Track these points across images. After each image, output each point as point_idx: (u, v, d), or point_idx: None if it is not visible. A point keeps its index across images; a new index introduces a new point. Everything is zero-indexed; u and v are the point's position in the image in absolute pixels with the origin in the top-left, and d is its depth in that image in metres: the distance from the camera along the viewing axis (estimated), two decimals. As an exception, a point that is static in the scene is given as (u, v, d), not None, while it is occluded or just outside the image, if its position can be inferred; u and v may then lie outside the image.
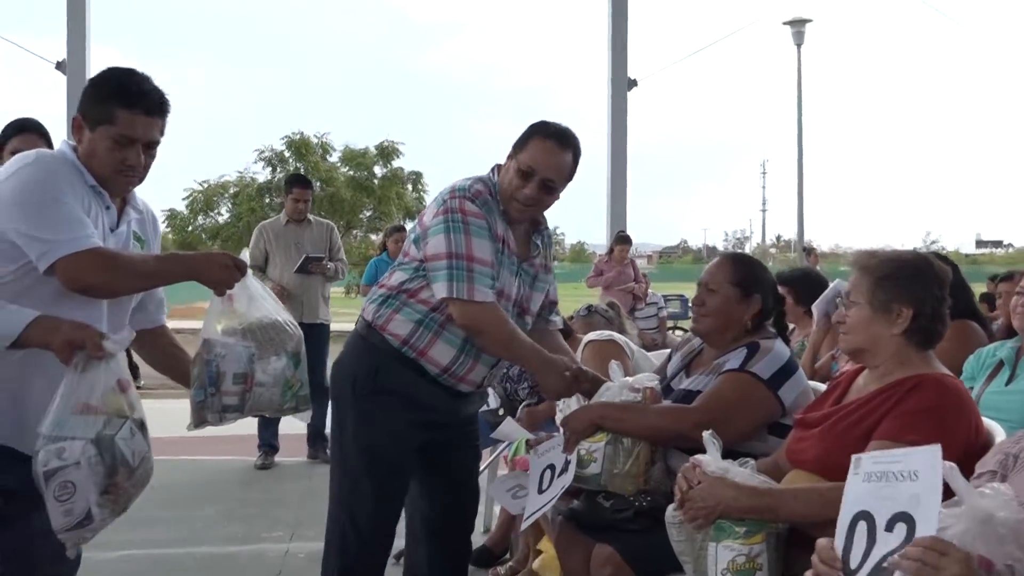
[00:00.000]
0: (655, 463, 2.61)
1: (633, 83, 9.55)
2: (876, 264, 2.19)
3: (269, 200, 22.58)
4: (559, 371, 2.68)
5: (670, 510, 2.16)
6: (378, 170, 24.13)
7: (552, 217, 2.95)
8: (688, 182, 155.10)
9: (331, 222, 6.95)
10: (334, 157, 24.05)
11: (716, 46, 15.18)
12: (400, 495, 2.81)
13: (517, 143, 2.70)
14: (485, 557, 4.11)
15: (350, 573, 2.76)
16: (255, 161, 23.45)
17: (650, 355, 3.96)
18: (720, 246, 79.19)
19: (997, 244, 73.89)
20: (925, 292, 2.16)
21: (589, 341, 3.90)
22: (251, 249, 6.32)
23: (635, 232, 9.74)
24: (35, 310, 2.02)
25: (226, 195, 23.72)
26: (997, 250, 70.37)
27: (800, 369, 2.75)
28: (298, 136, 23.41)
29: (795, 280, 4.95)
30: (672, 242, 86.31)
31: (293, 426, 5.06)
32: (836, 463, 2.07)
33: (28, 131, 3.42)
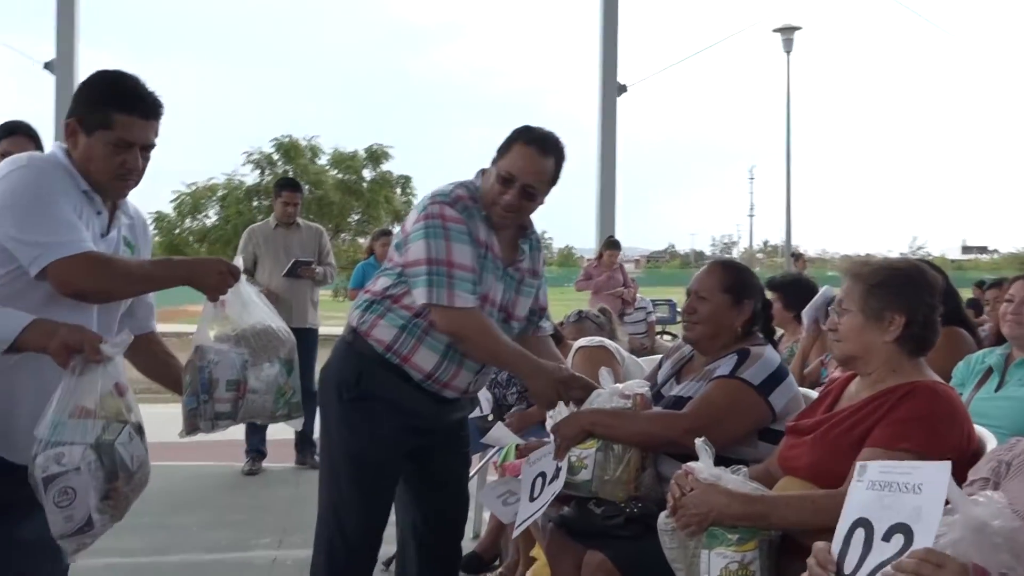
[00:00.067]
0: (646, 469, 2.61)
1: (623, 88, 9.56)
2: (869, 272, 2.20)
3: (257, 203, 22.56)
4: (549, 376, 2.67)
5: (662, 517, 2.15)
6: (367, 173, 24.16)
7: (540, 221, 2.94)
8: (676, 187, 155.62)
9: (320, 226, 6.93)
10: (323, 160, 24.05)
11: (706, 53, 15.29)
12: (387, 501, 2.79)
13: (500, 148, 2.69)
14: (475, 563, 4.09)
15: None
16: (243, 164, 23.44)
17: (640, 361, 3.97)
18: (708, 251, 79.55)
19: (982, 250, 74.42)
20: (917, 300, 2.17)
21: (580, 347, 3.90)
22: (240, 253, 6.29)
23: (623, 236, 9.74)
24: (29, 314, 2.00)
25: (214, 198, 23.65)
26: (982, 256, 70.87)
27: (790, 375, 2.76)
28: (287, 139, 23.39)
29: (784, 286, 4.96)
30: (660, 247, 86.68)
31: (281, 431, 5.04)
32: (828, 470, 2.08)
33: (17, 134, 3.39)
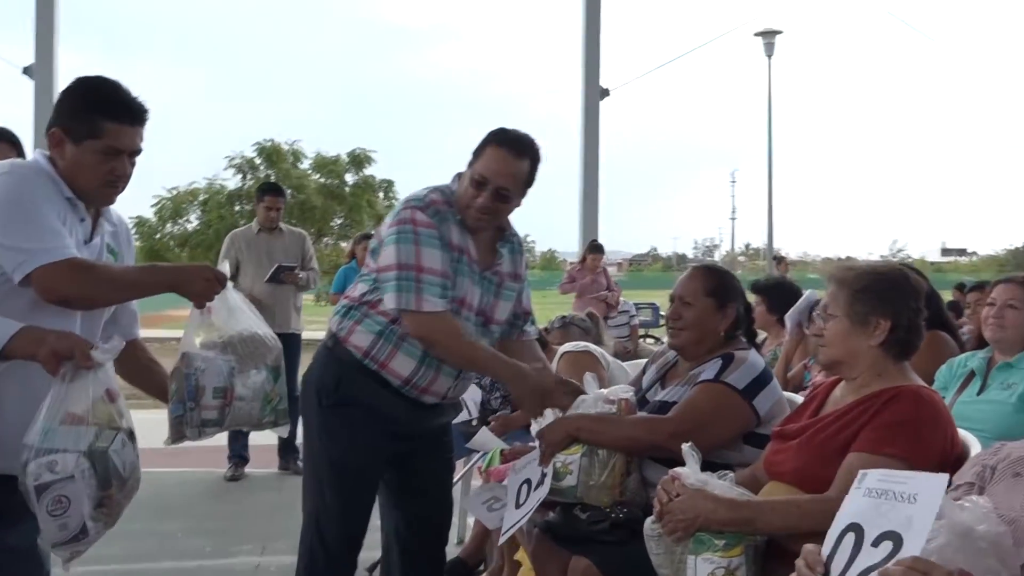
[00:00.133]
0: (631, 474, 2.61)
1: (606, 92, 9.59)
2: (853, 277, 2.21)
3: (239, 208, 22.43)
4: (530, 381, 2.65)
5: (649, 522, 2.15)
6: (349, 178, 24.06)
7: (523, 224, 2.93)
8: (658, 190, 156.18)
9: (303, 231, 6.90)
10: (305, 164, 23.95)
11: (688, 57, 15.34)
12: (366, 508, 2.78)
13: (475, 151, 2.67)
14: (459, 569, 4.07)
15: None
16: (225, 168, 23.30)
17: (625, 365, 3.97)
18: (690, 254, 79.95)
19: (961, 252, 75.20)
20: (902, 304, 2.18)
21: (564, 352, 3.90)
22: (222, 258, 6.26)
23: (605, 239, 9.76)
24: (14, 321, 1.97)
25: (195, 202, 23.50)
26: (961, 258, 71.62)
27: (775, 379, 2.77)
28: (269, 143, 23.28)
29: (768, 289, 4.98)
30: (642, 250, 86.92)
31: (263, 437, 5.00)
32: (814, 475, 2.09)
33: None
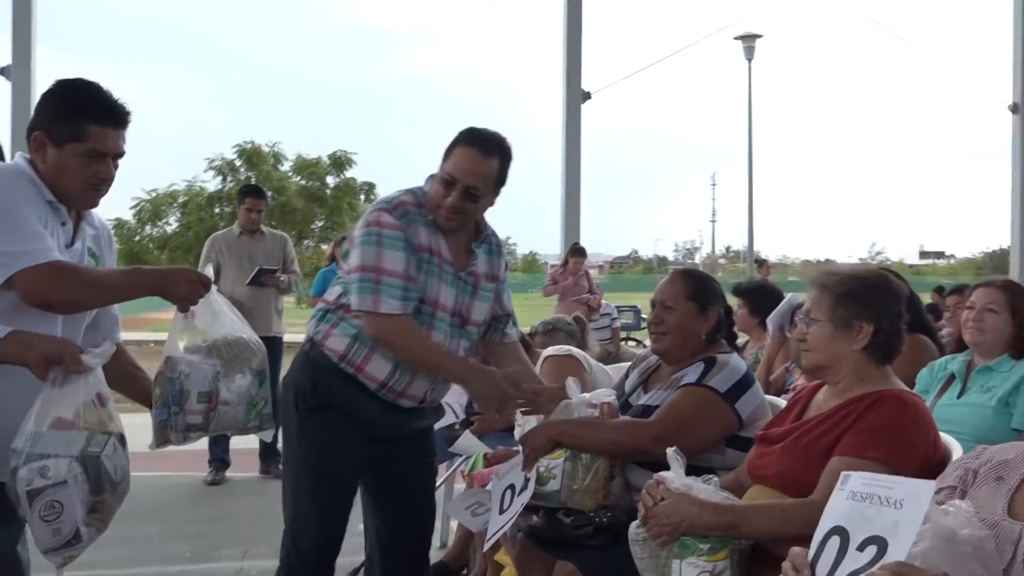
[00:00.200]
0: (614, 478, 2.62)
1: (587, 95, 9.63)
2: (836, 282, 2.22)
3: (219, 210, 22.32)
4: (489, 377, 2.63)
5: (633, 527, 2.15)
6: (330, 180, 23.99)
7: (504, 227, 2.93)
8: (639, 193, 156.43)
9: (285, 234, 6.86)
10: (286, 166, 23.85)
11: (669, 60, 15.40)
12: (343, 513, 2.75)
13: (445, 151, 2.66)
14: (442, 572, 4.06)
15: None
16: (205, 170, 23.17)
17: (608, 369, 3.97)
18: (671, 256, 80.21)
19: (939, 255, 75.85)
20: (885, 308, 2.20)
21: (548, 356, 3.90)
22: (202, 261, 6.22)
23: (586, 242, 9.76)
24: None
25: (175, 204, 23.36)
26: (939, 261, 72.24)
27: (757, 382, 2.78)
28: (249, 145, 23.17)
29: (750, 292, 5.00)
30: (623, 252, 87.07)
31: (244, 440, 4.98)
32: (797, 479, 2.10)
33: None
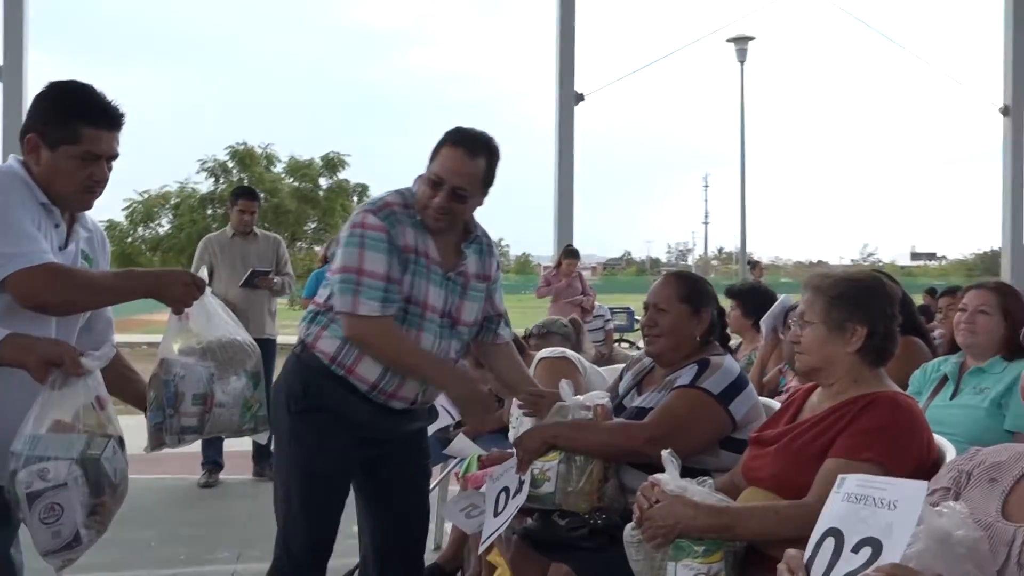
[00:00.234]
0: (608, 480, 2.62)
1: (580, 97, 9.64)
2: (830, 284, 2.23)
3: (212, 211, 22.25)
4: (466, 382, 2.62)
5: (628, 529, 2.15)
6: (323, 181, 23.94)
7: (497, 228, 2.93)
8: (632, 195, 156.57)
9: (278, 235, 6.85)
10: (278, 168, 23.80)
11: (662, 63, 15.43)
12: (334, 516, 2.74)
13: (432, 151, 2.66)
14: (437, 575, 4.06)
15: None
16: (198, 171, 23.09)
17: (602, 371, 3.98)
18: (663, 258, 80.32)
19: (931, 256, 76.08)
20: (878, 310, 2.21)
21: (542, 358, 3.90)
22: (195, 263, 6.21)
23: (579, 243, 9.77)
24: None
25: (167, 206, 23.28)
26: (931, 262, 72.45)
27: (750, 384, 2.78)
28: (242, 146, 23.12)
29: (743, 293, 5.02)
30: (616, 254, 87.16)
31: (237, 442, 4.97)
32: (792, 481, 2.10)
33: None
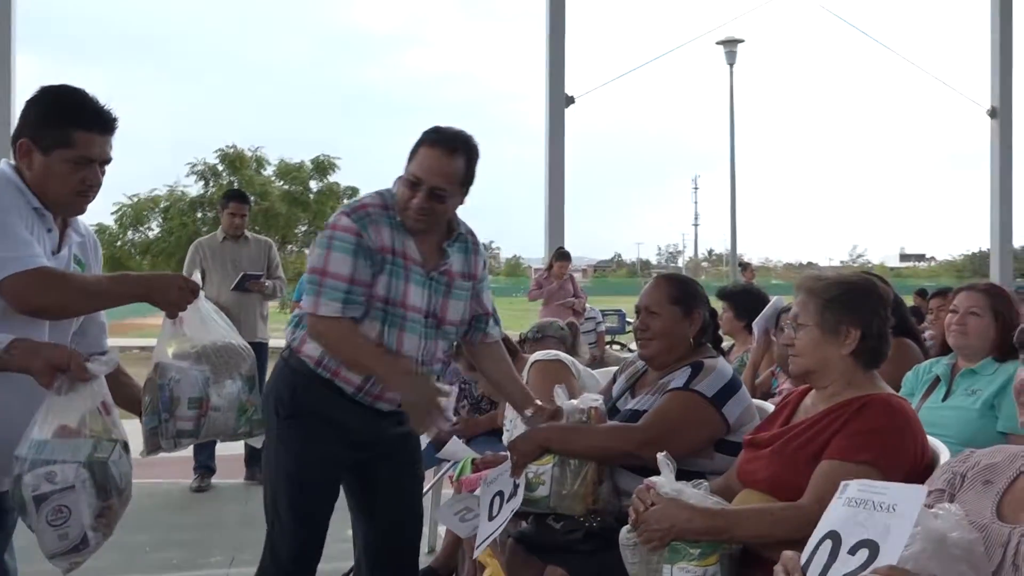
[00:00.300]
0: (603, 483, 2.62)
1: (571, 100, 9.65)
2: (823, 287, 2.24)
3: (201, 215, 22.18)
4: (415, 384, 2.58)
5: (624, 532, 2.15)
6: (314, 184, 23.89)
7: (487, 230, 2.94)
8: (622, 197, 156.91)
9: (269, 239, 6.84)
10: (269, 171, 23.74)
11: (652, 65, 15.44)
12: (321, 520, 2.72)
13: (410, 152, 2.63)
14: (431, 578, 4.06)
15: None
16: (187, 175, 23.02)
17: (596, 373, 3.98)
18: (654, 260, 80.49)
19: (920, 257, 76.40)
20: (871, 313, 2.21)
21: (535, 361, 3.90)
22: (186, 266, 6.19)
23: (570, 246, 9.76)
24: None
25: (156, 209, 23.20)
26: (920, 263, 72.78)
27: (743, 386, 2.79)
28: (232, 149, 23.05)
29: (735, 295, 5.01)
30: (606, 256, 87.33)
31: (230, 446, 4.95)
32: (786, 483, 2.11)
33: None
